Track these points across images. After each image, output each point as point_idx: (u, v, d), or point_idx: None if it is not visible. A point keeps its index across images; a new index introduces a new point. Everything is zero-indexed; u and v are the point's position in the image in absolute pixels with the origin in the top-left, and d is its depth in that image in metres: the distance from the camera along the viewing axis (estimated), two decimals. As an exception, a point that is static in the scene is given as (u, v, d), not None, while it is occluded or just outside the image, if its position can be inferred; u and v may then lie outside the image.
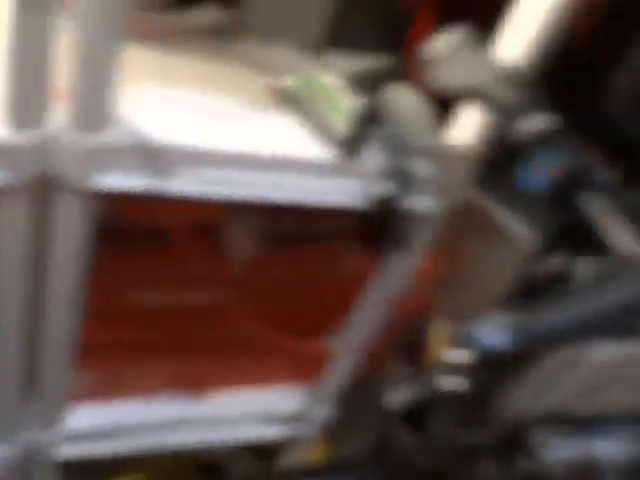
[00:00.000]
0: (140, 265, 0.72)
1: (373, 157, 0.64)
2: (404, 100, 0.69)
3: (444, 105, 0.71)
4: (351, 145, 0.62)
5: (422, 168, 0.67)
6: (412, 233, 0.70)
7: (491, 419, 0.49)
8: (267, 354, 0.86)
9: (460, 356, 0.41)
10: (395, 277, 0.78)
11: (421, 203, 0.68)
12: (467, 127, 0.68)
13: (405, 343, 0.95)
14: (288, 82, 0.64)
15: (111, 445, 0.85)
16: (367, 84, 0.67)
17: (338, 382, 0.92)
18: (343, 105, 0.61)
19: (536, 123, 0.53)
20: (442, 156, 0.67)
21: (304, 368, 0.89)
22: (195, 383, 0.89)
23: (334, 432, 0.97)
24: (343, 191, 0.65)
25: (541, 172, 0.51)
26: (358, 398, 0.93)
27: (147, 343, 0.78)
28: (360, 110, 0.61)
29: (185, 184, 0.59)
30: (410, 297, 0.83)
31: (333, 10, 0.77)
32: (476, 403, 0.47)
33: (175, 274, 0.74)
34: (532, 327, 0.42)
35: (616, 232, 0.48)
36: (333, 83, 0.62)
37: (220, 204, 0.71)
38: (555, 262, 0.56)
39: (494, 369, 0.44)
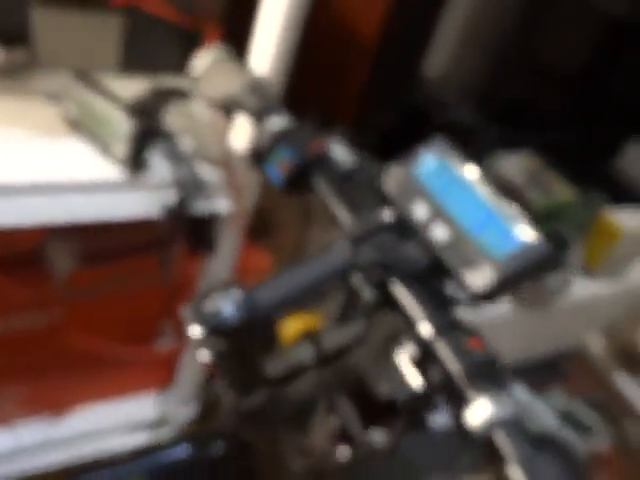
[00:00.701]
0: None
1: (160, 170, 0.71)
2: (186, 115, 0.76)
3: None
4: (133, 162, 0.68)
5: (207, 174, 0.74)
6: (211, 233, 0.77)
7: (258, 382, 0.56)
8: (115, 366, 0.90)
9: (195, 331, 0.48)
10: (216, 274, 0.84)
11: (211, 206, 0.75)
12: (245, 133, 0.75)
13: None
14: (72, 110, 0.69)
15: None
16: (150, 104, 0.73)
17: (192, 381, 0.97)
18: (121, 127, 0.67)
19: (276, 124, 0.61)
20: (225, 162, 0.75)
21: (155, 373, 0.94)
22: (51, 404, 0.92)
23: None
24: (137, 204, 0.71)
25: (281, 167, 0.59)
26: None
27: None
28: (137, 129, 0.67)
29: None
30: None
31: (125, 34, 0.83)
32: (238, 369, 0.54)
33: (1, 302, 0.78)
34: (258, 300, 0.49)
35: (342, 211, 0.56)
36: (110, 106, 0.68)
37: (36, 228, 0.75)
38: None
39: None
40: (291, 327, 0.98)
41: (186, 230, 0.74)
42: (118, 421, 0.99)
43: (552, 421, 0.43)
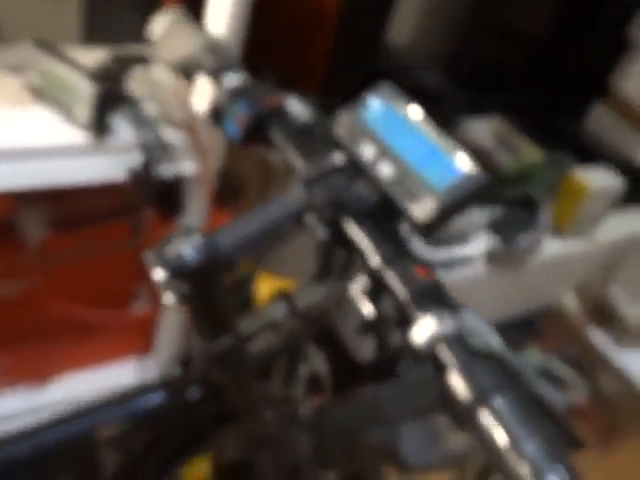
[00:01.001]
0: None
1: (124, 134, 0.73)
2: (148, 81, 0.78)
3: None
4: (97, 126, 0.70)
5: (171, 138, 0.76)
6: (178, 196, 0.79)
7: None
8: (94, 333, 0.93)
9: (158, 275, 0.50)
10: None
11: (177, 168, 0.77)
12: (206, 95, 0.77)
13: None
14: (34, 79, 0.71)
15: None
16: (112, 70, 0.75)
17: (171, 345, 1.00)
18: (83, 91, 0.69)
19: (232, 81, 0.63)
20: (189, 125, 0.77)
21: (134, 339, 0.96)
22: (33, 372, 0.94)
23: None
24: (103, 168, 0.73)
25: (238, 121, 0.61)
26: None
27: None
28: (99, 92, 0.69)
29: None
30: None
31: (86, 5, 0.84)
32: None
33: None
34: (218, 243, 0.52)
35: (297, 159, 0.59)
36: (73, 73, 0.70)
37: (7, 196, 0.77)
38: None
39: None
40: (266, 289, 1.01)
41: (153, 193, 0.76)
42: (100, 388, 1.01)
43: (497, 342, 0.46)
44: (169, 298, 0.53)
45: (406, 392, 0.90)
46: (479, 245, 1.65)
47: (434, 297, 0.45)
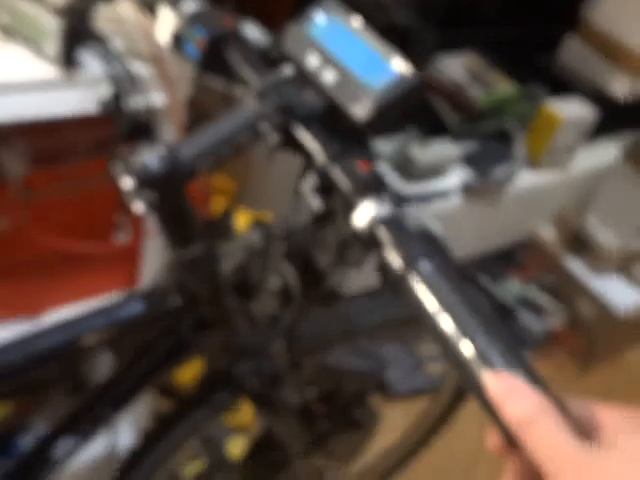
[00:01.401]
0: None
1: (93, 68, 0.76)
2: (115, 18, 0.81)
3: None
4: (65, 59, 0.73)
5: (139, 70, 0.80)
6: (149, 128, 0.83)
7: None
8: (81, 266, 0.98)
9: (127, 184, 0.55)
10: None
11: (146, 100, 0.81)
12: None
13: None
14: (2, 18, 0.74)
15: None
16: (78, 5, 0.78)
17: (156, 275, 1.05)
18: (51, 26, 0.72)
19: (190, 7, 0.67)
20: (155, 57, 0.80)
21: (120, 271, 1.01)
22: (24, 307, 0.99)
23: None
24: (74, 101, 0.76)
25: (197, 44, 0.65)
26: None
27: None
28: (66, 25, 0.72)
29: None
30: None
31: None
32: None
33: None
34: (180, 152, 0.56)
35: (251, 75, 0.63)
36: (40, 9, 0.73)
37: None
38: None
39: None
40: (244, 220, 1.05)
41: (125, 125, 0.80)
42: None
43: (435, 225, 0.51)
44: (139, 206, 0.58)
45: (375, 306, 0.97)
46: (455, 178, 1.70)
47: (374, 186, 0.50)
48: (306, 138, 0.54)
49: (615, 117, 1.81)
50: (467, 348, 0.41)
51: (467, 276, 0.49)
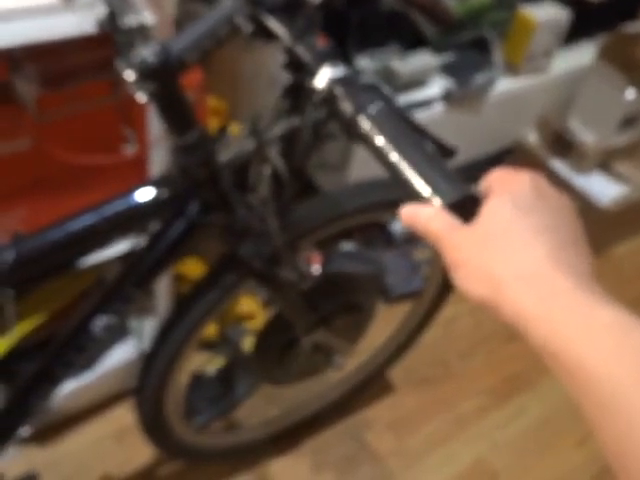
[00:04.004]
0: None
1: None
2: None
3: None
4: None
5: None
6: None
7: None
8: (97, 182, 1.10)
9: (129, 76, 0.66)
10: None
11: (137, 19, 0.91)
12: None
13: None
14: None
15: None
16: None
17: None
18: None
19: None
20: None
21: (132, 178, 1.12)
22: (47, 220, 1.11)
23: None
24: (75, 23, 0.87)
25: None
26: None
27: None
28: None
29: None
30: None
31: None
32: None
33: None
34: (172, 46, 0.67)
35: None
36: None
37: (1, 60, 0.91)
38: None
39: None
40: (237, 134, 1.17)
41: (122, 43, 0.90)
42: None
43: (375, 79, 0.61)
44: (142, 97, 0.69)
45: (358, 193, 1.08)
46: (436, 88, 1.79)
47: (330, 56, 0.61)
48: (273, 24, 0.65)
49: (589, 19, 1.88)
50: (409, 173, 0.53)
51: (409, 120, 0.59)
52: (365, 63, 1.58)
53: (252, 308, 1.55)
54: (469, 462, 1.52)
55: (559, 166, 1.98)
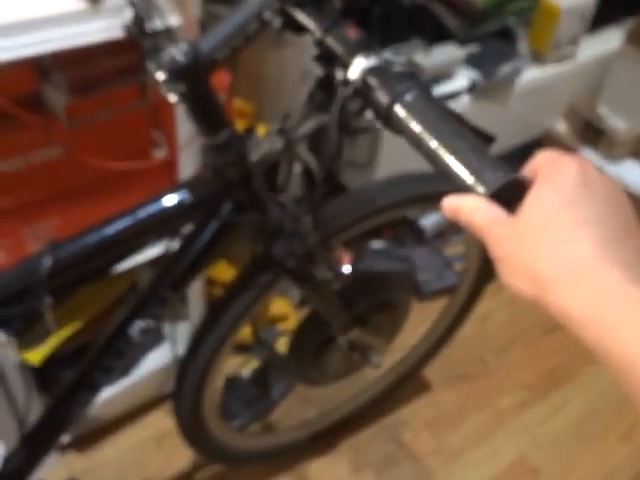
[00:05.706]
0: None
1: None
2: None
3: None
4: (91, -9, 0.83)
5: (153, -7, 0.89)
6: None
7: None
8: (127, 187, 1.10)
9: (160, 77, 0.66)
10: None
11: (164, 22, 0.91)
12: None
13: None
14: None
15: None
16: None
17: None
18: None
19: None
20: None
21: (162, 181, 1.12)
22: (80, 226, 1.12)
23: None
24: (103, 29, 0.87)
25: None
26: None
27: (19, 205, 1.01)
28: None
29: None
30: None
31: None
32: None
33: (17, 143, 0.96)
34: (201, 46, 0.67)
35: None
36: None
37: (31, 69, 0.92)
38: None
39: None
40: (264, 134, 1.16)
41: (149, 47, 0.90)
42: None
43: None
44: (172, 98, 0.69)
45: (388, 187, 1.07)
46: (462, 80, 1.77)
47: (363, 46, 0.59)
48: (303, 18, 0.64)
49: (615, 3, 1.84)
50: (450, 160, 0.51)
51: (446, 107, 0.58)
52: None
53: (285, 309, 1.55)
54: (509, 459, 1.49)
55: (590, 155, 1.95)
